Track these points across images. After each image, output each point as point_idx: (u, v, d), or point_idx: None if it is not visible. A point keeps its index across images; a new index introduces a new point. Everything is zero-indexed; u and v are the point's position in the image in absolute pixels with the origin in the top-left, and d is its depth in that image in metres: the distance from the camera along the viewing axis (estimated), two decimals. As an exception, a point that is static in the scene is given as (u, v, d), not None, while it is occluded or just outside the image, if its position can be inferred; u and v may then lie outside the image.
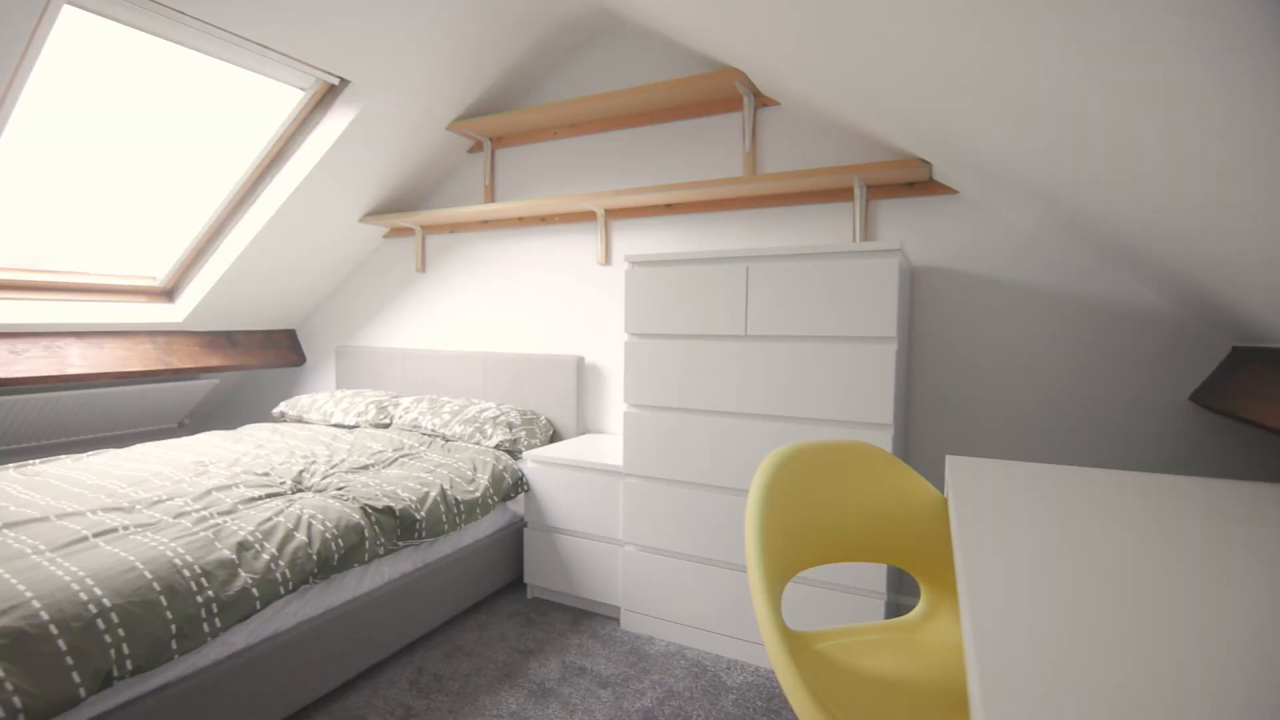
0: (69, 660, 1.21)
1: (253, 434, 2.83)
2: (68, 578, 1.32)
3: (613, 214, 2.82)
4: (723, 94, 2.48)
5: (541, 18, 2.64)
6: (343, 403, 3.14)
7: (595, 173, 2.89)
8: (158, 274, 3.20)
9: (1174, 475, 1.28)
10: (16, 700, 1.13)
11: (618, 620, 2.31)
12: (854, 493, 1.45)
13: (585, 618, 2.34)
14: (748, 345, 1.98)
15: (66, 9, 1.96)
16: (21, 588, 1.26)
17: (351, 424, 3.02)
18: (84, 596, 1.28)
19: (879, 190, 2.28)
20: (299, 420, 3.23)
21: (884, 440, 1.81)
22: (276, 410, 3.35)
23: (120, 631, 1.28)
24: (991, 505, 1.08)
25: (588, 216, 2.88)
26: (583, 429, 2.91)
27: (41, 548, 1.44)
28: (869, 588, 1.86)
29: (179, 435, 3.99)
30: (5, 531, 1.54)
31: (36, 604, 1.23)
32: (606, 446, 2.57)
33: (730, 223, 2.57)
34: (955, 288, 2.21)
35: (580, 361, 2.87)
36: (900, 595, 2.26)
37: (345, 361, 3.61)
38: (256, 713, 1.59)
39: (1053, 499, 1.12)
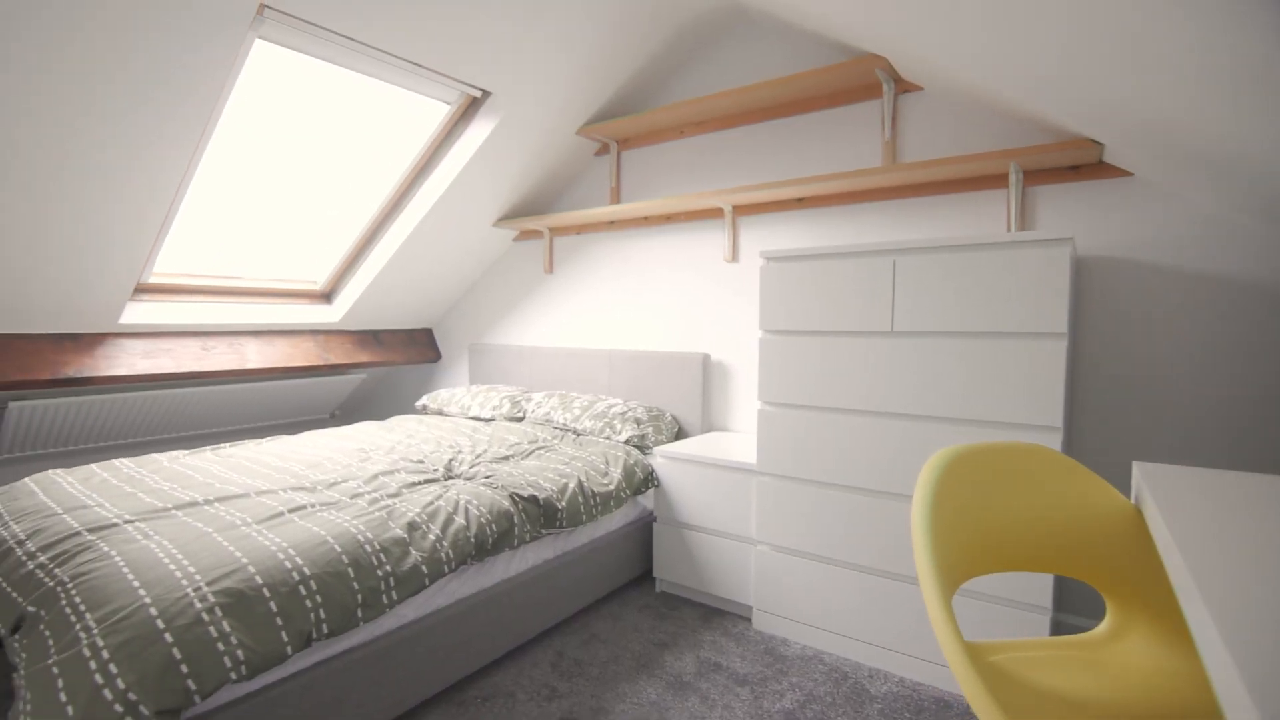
0: (278, 620, 1.35)
1: (402, 425, 3.05)
2: (274, 547, 1.47)
3: (740, 210, 2.80)
4: (859, 82, 2.40)
5: (672, 17, 2.67)
6: (478, 397, 3.31)
7: (722, 170, 2.88)
8: (318, 278, 3.51)
9: None
10: (240, 653, 1.27)
11: (749, 619, 2.29)
12: (1028, 498, 1.36)
13: (716, 615, 2.34)
14: (894, 342, 1.90)
15: (258, 43, 2.20)
16: (239, 554, 1.43)
17: (488, 417, 3.18)
18: (288, 565, 1.43)
19: (1037, 176, 2.13)
20: (439, 413, 3.45)
21: (1051, 444, 1.68)
22: (419, 403, 3.59)
23: (318, 598, 1.42)
24: (1206, 517, 0.97)
25: (714, 214, 2.88)
26: (708, 426, 2.91)
27: (249, 520, 1.63)
28: (1033, 602, 1.73)
29: (330, 425, 4.37)
30: (216, 505, 1.75)
31: (252, 569, 1.39)
32: (735, 444, 2.55)
33: (867, 215, 2.48)
34: (1129, 279, 2.01)
35: (706, 359, 2.87)
36: (1059, 612, 2.09)
37: (477, 358, 3.82)
38: (422, 680, 1.72)
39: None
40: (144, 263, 2.61)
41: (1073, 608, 2.09)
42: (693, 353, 2.90)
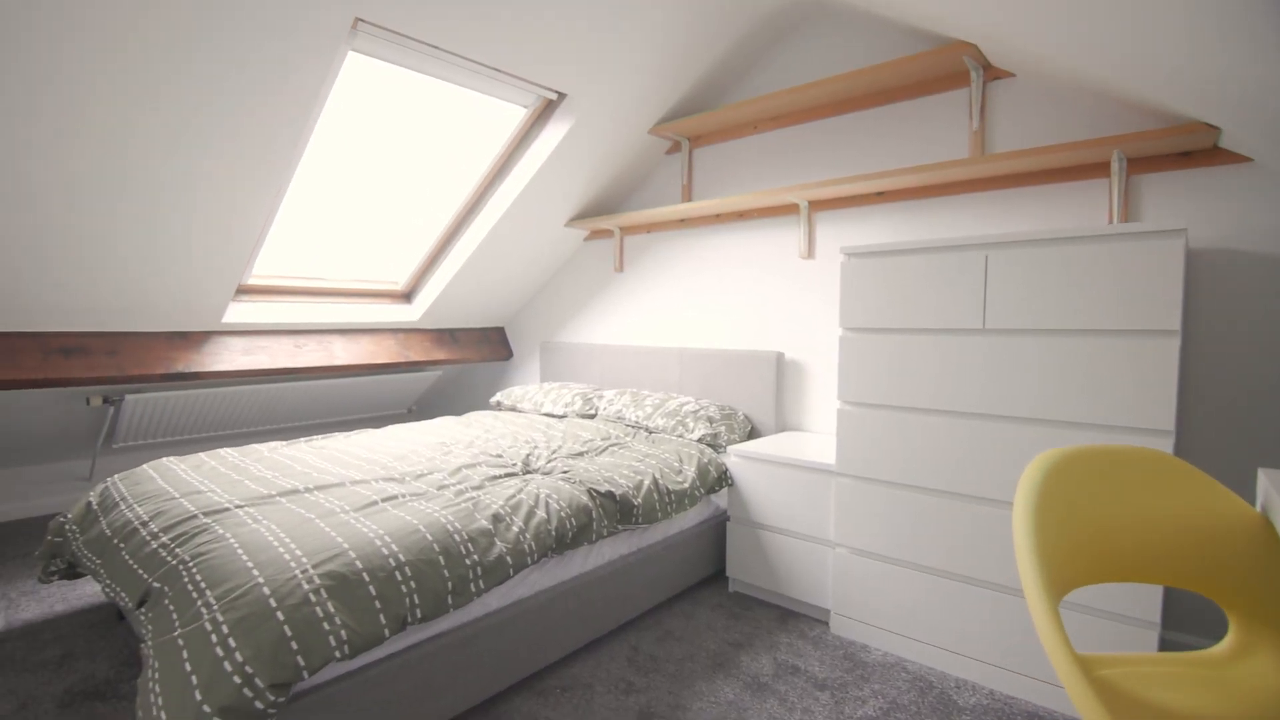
0: (377, 604, 1.42)
1: (479, 420, 3.14)
2: (371, 534, 1.54)
3: (817, 206, 2.75)
4: (945, 71, 2.32)
5: (746, 13, 2.64)
6: (551, 394, 3.37)
7: (797, 166, 2.84)
8: (399, 279, 3.66)
9: None
10: (343, 633, 1.34)
11: (826, 623, 2.25)
12: (1139, 505, 1.28)
13: (791, 617, 2.31)
14: (986, 340, 1.82)
15: (351, 55, 2.30)
16: (340, 540, 1.50)
17: (560, 414, 3.24)
18: (385, 551, 1.50)
19: (1142, 164, 2.00)
20: (513, 409, 3.53)
21: (1162, 449, 1.57)
22: (493, 400, 3.68)
23: (412, 584, 1.48)
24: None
25: (789, 210, 2.84)
26: (781, 426, 2.87)
27: (346, 508, 1.71)
28: (1139, 616, 1.63)
29: (408, 420, 4.54)
30: (316, 493, 1.85)
31: (352, 554, 1.46)
32: (811, 445, 2.51)
33: (953, 209, 2.39)
34: (1248, 273, 1.87)
35: (780, 357, 2.83)
36: (1167, 629, 1.97)
37: (549, 356, 3.89)
38: (505, 668, 1.76)
39: None
40: (245, 265, 2.79)
41: (1181, 625, 1.96)
42: (766, 351, 2.86)
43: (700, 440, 2.67)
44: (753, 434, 2.87)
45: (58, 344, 2.60)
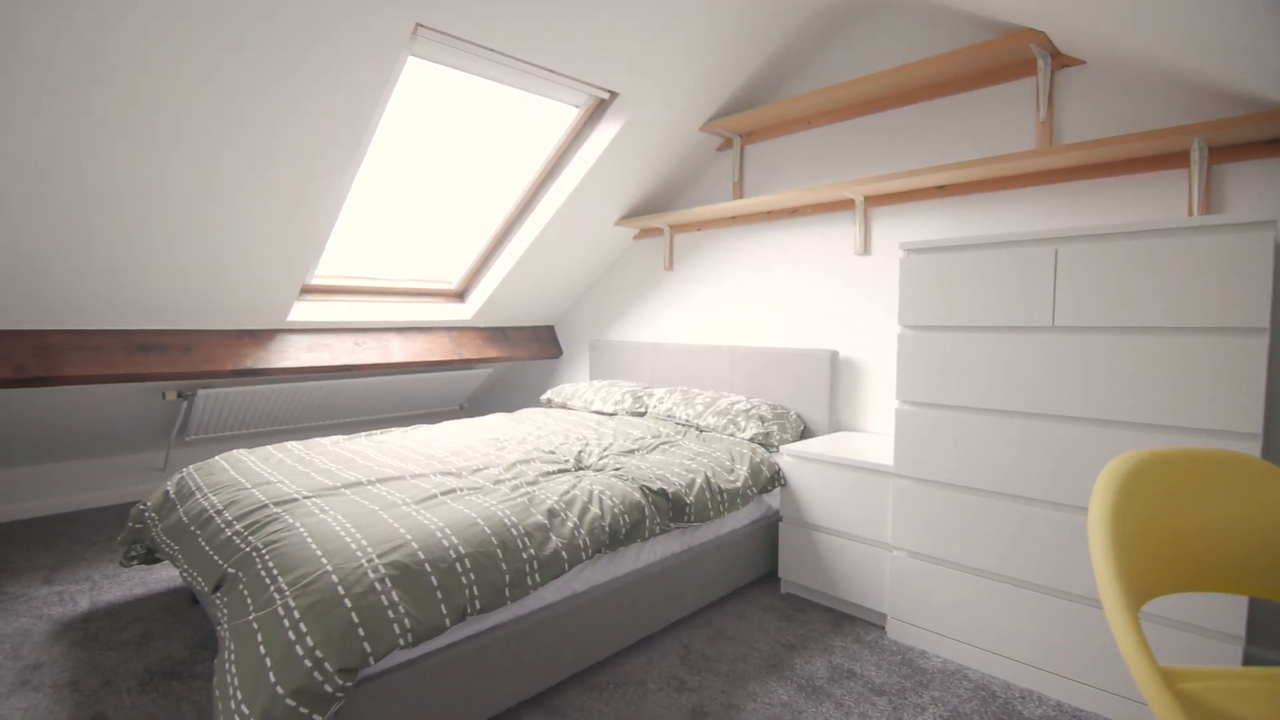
0: (438, 594, 1.45)
1: (530, 417, 3.18)
2: (432, 526, 1.58)
3: (873, 201, 2.69)
4: (1009, 60, 2.24)
5: (799, 5, 2.61)
6: (601, 392, 3.40)
7: (852, 161, 2.79)
8: (453, 279, 3.74)
9: None
10: (407, 621, 1.38)
11: (882, 628, 2.20)
12: (1224, 511, 1.22)
13: (846, 620, 2.27)
14: (1055, 338, 1.76)
15: (411, 60, 2.36)
16: (402, 531, 1.55)
17: (610, 412, 3.26)
18: (445, 543, 1.53)
19: (1224, 153, 1.89)
20: (563, 406, 3.57)
21: (1247, 452, 1.49)
22: (544, 397, 3.73)
23: (471, 575, 1.51)
24: None
25: (843, 206, 2.79)
26: (835, 426, 2.82)
27: (407, 500, 1.76)
28: (1222, 629, 1.54)
29: (460, 416, 4.64)
30: (378, 485, 1.91)
31: (414, 545, 1.50)
32: (866, 445, 2.46)
33: (1018, 202, 2.31)
34: (1346, 267, 1.75)
35: (834, 356, 2.79)
36: (1253, 644, 1.86)
37: (598, 354, 3.91)
38: (560, 661, 1.78)
39: None
40: (309, 266, 2.89)
41: (1268, 639, 1.85)
42: (819, 349, 2.82)
43: (752, 439, 2.65)
44: (806, 434, 2.83)
45: (138, 341, 2.75)
